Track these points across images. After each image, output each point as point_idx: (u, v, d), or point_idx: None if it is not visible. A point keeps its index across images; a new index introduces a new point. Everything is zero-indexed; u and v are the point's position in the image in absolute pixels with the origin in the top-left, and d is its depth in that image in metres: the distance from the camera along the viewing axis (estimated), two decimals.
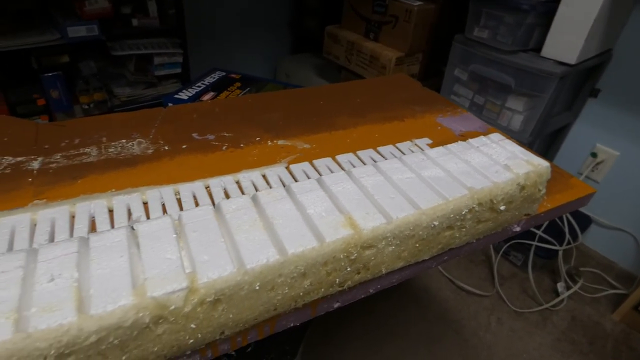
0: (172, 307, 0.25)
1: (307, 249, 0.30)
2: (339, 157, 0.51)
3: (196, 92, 1.08)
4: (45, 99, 1.17)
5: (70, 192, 0.41)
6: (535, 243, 1.17)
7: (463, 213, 0.36)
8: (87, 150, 0.48)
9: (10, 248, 0.34)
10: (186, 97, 1.05)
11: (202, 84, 1.13)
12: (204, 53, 1.75)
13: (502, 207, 0.38)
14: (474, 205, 0.36)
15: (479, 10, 1.11)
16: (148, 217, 0.38)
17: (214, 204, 0.40)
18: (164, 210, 0.39)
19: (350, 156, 0.52)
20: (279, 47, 2.09)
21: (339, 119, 0.62)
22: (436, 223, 0.35)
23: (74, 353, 0.23)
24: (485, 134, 0.56)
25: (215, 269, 0.27)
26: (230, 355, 0.61)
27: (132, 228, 0.30)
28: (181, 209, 0.40)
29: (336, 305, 0.36)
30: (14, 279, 0.25)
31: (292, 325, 0.34)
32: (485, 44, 1.11)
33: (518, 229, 0.44)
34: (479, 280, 1.20)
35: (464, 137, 0.59)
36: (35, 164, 0.45)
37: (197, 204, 0.41)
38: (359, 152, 0.53)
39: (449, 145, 0.43)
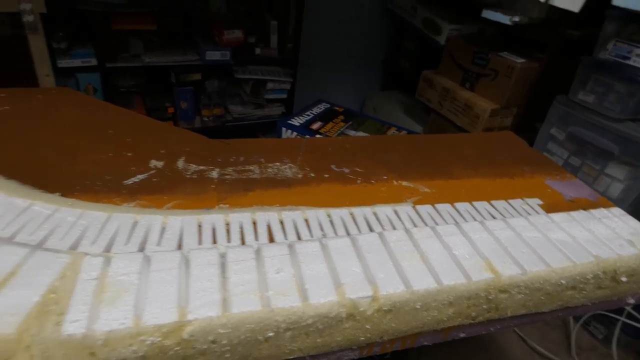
0: (361, 308, 0.33)
1: (457, 283, 0.36)
2: (458, 205, 0.57)
3: (306, 120, 1.20)
4: (175, 108, 1.36)
5: (245, 201, 0.52)
6: (622, 319, 1.12)
7: (587, 277, 0.41)
8: (250, 167, 0.59)
9: (213, 240, 0.44)
10: (297, 124, 1.17)
11: (311, 113, 1.25)
12: (302, 81, 1.90)
13: (624, 279, 0.42)
14: (599, 272, 0.41)
15: (588, 76, 1.13)
16: (310, 233, 0.47)
17: (359, 229, 0.48)
18: (321, 229, 0.48)
19: (467, 205, 0.58)
20: (370, 82, 2.21)
21: (453, 168, 0.69)
22: (563, 282, 0.40)
23: (292, 329, 0.32)
24: (595, 202, 0.59)
25: (391, 285, 0.35)
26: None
27: (321, 242, 0.38)
28: (334, 231, 0.48)
29: (462, 335, 0.42)
30: (251, 267, 0.34)
31: (425, 343, 0.40)
32: (590, 109, 1.13)
33: (632, 301, 0.47)
34: (552, 345, 1.17)
35: (574, 203, 0.63)
36: (214, 174, 0.57)
37: (345, 228, 0.49)
38: (475, 203, 0.59)
39: (572, 213, 0.48)
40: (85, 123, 0.65)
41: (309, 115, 1.24)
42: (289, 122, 1.16)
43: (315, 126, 1.18)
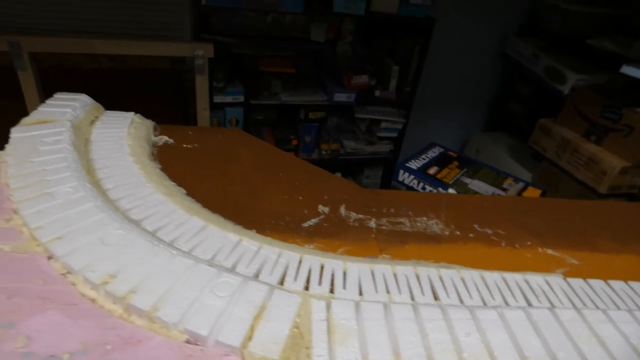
0: None
1: None
2: (613, 283, 0.57)
3: (422, 164, 1.25)
4: (298, 140, 1.50)
5: (403, 253, 0.58)
6: None
7: None
8: (401, 220, 0.66)
9: (386, 289, 0.50)
10: (415, 168, 1.22)
11: (426, 157, 1.30)
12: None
13: None
14: None
15: None
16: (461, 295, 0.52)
17: (515, 298, 0.52)
18: (478, 291, 0.52)
19: (622, 285, 0.58)
20: (474, 122, 2.19)
21: (598, 239, 0.68)
22: None
23: None
24: None
25: None
26: None
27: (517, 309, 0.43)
28: (491, 295, 0.52)
29: None
30: (442, 327, 0.40)
31: None
32: None
33: None
34: None
35: None
36: (372, 223, 0.64)
37: (502, 295, 0.53)
38: (631, 283, 0.58)
39: None
40: (259, 164, 0.77)
41: (424, 159, 1.28)
42: (407, 165, 1.22)
43: (431, 171, 1.22)
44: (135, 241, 0.44)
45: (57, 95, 0.83)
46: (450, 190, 1.12)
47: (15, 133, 0.68)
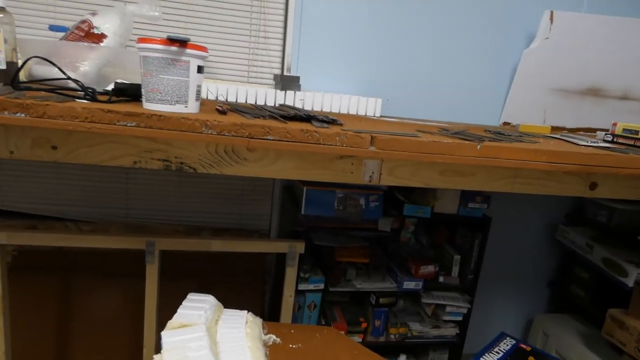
0: None
1: None
2: None
3: (497, 358, 1.28)
4: (368, 324, 1.58)
5: None
6: None
7: None
8: None
9: None
10: None
11: (499, 350, 1.32)
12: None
13: None
14: None
15: None
16: None
17: None
18: None
19: None
20: (535, 303, 2.19)
21: None
22: None
23: None
24: None
25: None
26: None
27: None
28: None
29: None
30: None
31: None
32: None
33: None
34: None
35: None
36: None
37: None
38: None
39: None
40: None
41: (498, 352, 1.30)
42: (482, 359, 1.25)
43: None
44: None
45: (190, 297, 1.03)
46: None
47: (166, 337, 0.84)
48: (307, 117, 0.91)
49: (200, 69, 0.78)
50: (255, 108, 1.09)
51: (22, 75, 1.04)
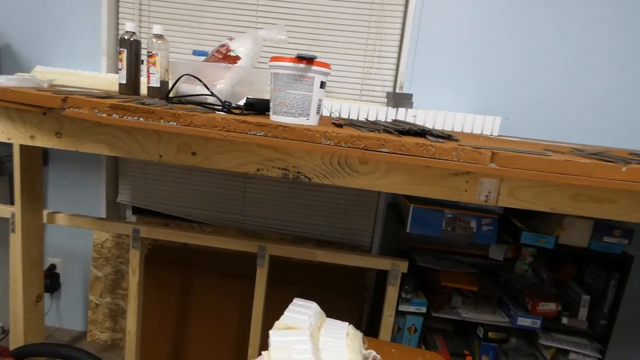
0: None
1: None
2: None
3: None
4: (473, 357, 1.46)
5: None
6: None
7: None
8: None
9: None
10: None
11: None
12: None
13: None
14: None
15: None
16: None
17: None
18: None
19: None
20: None
21: None
22: None
23: None
24: None
25: None
26: None
27: None
28: None
29: None
30: None
31: None
32: None
33: None
34: None
35: None
36: None
37: None
38: None
39: None
40: None
41: None
42: None
43: None
44: None
45: (296, 302, 1.07)
46: None
47: (274, 337, 0.88)
48: (421, 132, 0.90)
49: (322, 85, 0.83)
50: (369, 123, 1.11)
51: (172, 92, 1.21)
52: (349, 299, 1.76)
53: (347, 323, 1.03)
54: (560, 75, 1.58)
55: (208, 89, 0.97)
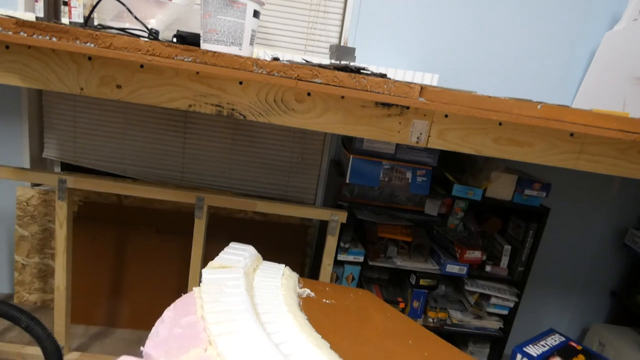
0: None
1: None
2: None
3: (542, 352, 1.19)
4: (406, 304, 1.54)
5: None
6: None
7: None
8: None
9: None
10: (534, 354, 1.17)
11: (545, 344, 1.24)
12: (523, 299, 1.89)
13: None
14: None
15: None
16: None
17: None
18: None
19: None
20: (594, 312, 2.02)
21: None
22: None
23: None
24: None
25: None
26: None
27: None
28: None
29: None
30: None
31: None
32: None
33: None
34: None
35: None
36: None
37: None
38: None
39: None
40: (390, 329, 0.85)
41: (544, 346, 1.22)
42: (525, 349, 1.17)
43: None
44: None
45: (232, 245, 1.06)
46: None
47: (207, 274, 0.87)
48: (356, 70, 0.90)
49: (256, 14, 0.80)
50: (307, 63, 1.10)
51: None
52: (292, 254, 1.79)
53: (284, 265, 1.04)
54: (498, 35, 1.65)
55: (136, 18, 0.90)
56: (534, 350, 1.18)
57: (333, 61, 1.43)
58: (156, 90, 0.89)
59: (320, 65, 0.93)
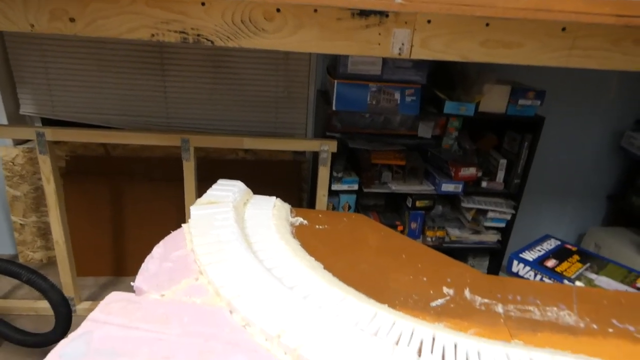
0: None
1: None
2: None
3: (538, 256, 1.22)
4: (404, 227, 1.56)
5: (536, 341, 0.59)
6: None
7: None
8: (529, 308, 0.67)
9: None
10: (530, 259, 1.20)
11: (542, 249, 1.26)
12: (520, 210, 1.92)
13: None
14: None
15: None
16: None
17: None
18: None
19: None
20: (591, 216, 2.05)
21: None
22: None
23: None
24: None
25: None
26: None
27: None
28: None
29: None
30: None
31: None
32: None
33: None
34: None
35: None
36: (499, 309, 0.67)
37: None
38: None
39: None
40: (384, 247, 0.85)
41: (540, 251, 1.25)
42: (521, 256, 1.20)
43: (549, 264, 1.18)
44: (297, 304, 0.54)
45: (220, 182, 1.04)
46: (578, 284, 1.06)
47: (195, 210, 0.86)
48: None
49: None
50: None
51: None
52: (288, 190, 1.79)
53: (275, 197, 1.03)
54: None
55: None
56: (530, 255, 1.21)
57: None
58: (114, 20, 0.82)
59: None
